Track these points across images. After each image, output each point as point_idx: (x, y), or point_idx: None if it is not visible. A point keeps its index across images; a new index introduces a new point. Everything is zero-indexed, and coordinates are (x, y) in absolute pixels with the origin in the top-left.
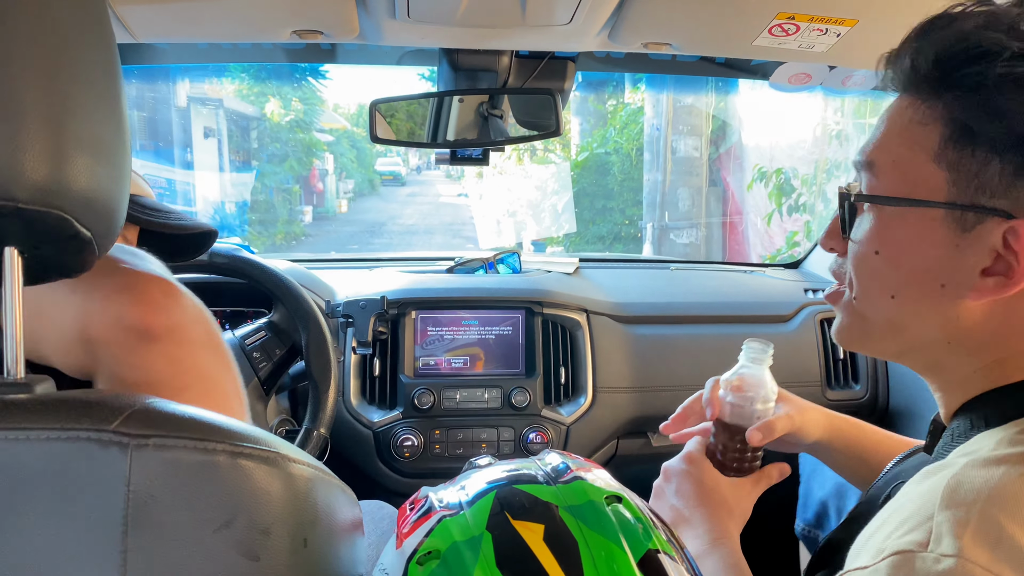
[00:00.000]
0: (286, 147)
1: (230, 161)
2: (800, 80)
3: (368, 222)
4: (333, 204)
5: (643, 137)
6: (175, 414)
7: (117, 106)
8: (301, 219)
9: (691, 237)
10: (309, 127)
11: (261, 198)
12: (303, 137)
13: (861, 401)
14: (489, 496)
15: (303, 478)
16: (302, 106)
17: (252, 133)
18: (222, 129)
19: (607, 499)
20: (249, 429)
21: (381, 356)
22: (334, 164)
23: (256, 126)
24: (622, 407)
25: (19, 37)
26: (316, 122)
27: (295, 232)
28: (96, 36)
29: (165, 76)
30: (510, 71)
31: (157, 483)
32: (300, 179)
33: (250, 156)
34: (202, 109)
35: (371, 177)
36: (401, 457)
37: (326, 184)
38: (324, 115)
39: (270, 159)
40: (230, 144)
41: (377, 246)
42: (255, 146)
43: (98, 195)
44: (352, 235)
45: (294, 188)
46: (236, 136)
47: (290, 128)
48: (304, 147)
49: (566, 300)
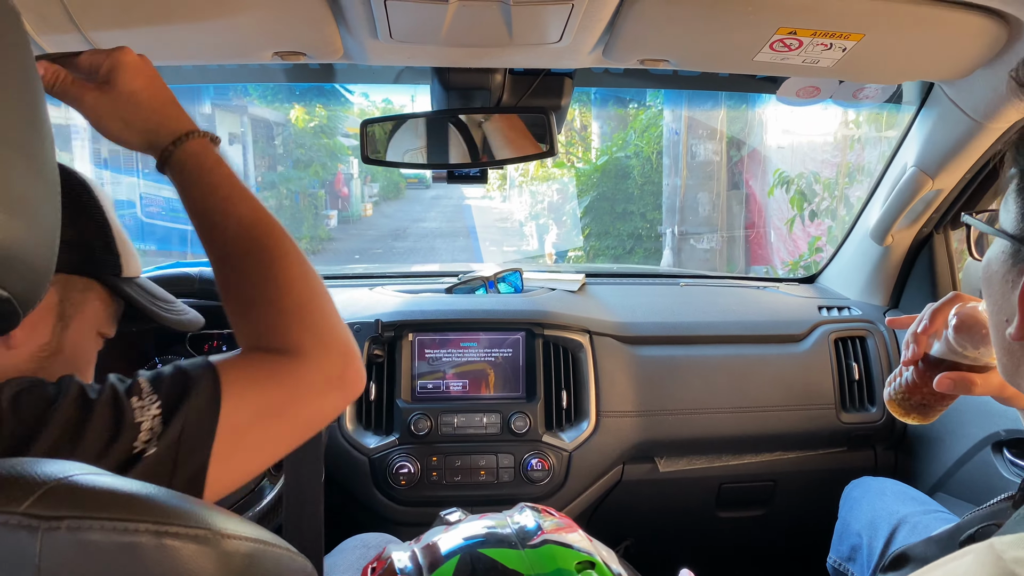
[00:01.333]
0: (311, 152)
1: (255, 166)
2: (809, 93)
3: (392, 226)
4: (358, 208)
5: (663, 141)
6: (95, 488)
7: (39, 156)
8: (327, 223)
9: (711, 243)
10: (334, 132)
11: (287, 203)
12: (328, 142)
13: (877, 424)
14: (452, 561)
15: (239, 554)
16: (326, 112)
17: (277, 139)
18: (247, 135)
19: (578, 566)
20: (178, 503)
21: (377, 380)
22: (359, 168)
23: (280, 132)
24: (627, 432)
25: None
26: (341, 127)
27: (320, 236)
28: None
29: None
30: (504, 88)
31: (70, 569)
32: (325, 184)
33: (275, 162)
34: (226, 115)
35: (396, 180)
36: (397, 485)
37: (351, 188)
38: (349, 120)
39: (295, 164)
40: (255, 150)
41: (401, 249)
42: (280, 151)
43: (11, 252)
44: (376, 239)
45: (319, 193)
46: (261, 142)
47: (315, 133)
48: (329, 152)
49: (568, 321)
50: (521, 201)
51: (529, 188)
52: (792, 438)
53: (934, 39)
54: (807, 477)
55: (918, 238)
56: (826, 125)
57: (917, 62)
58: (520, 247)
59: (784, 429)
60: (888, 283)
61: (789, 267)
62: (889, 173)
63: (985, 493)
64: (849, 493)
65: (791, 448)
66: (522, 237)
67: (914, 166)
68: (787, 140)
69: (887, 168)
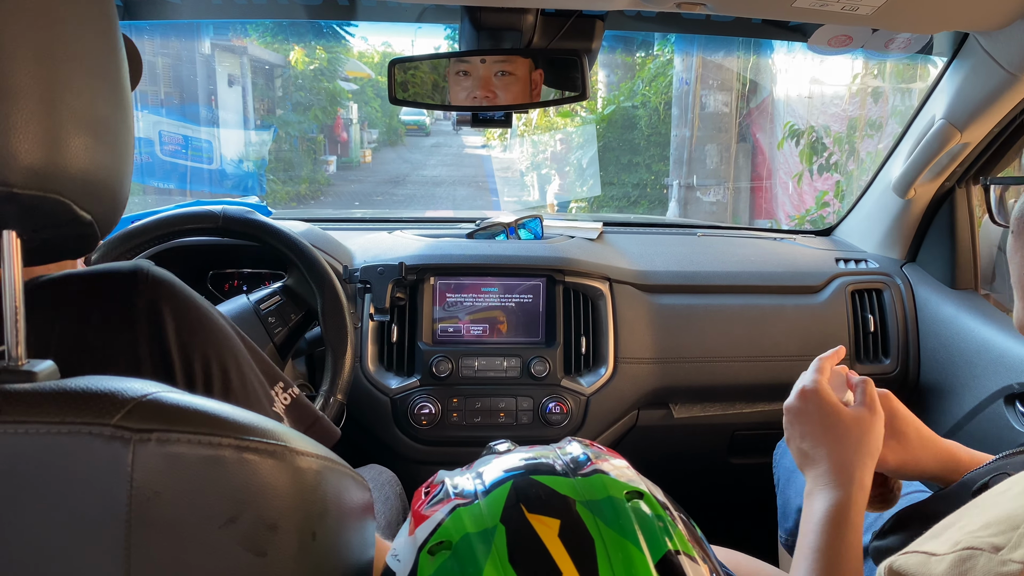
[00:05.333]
0: (310, 96)
1: (254, 109)
2: (840, 43)
3: (392, 172)
4: (357, 154)
5: (672, 90)
6: (179, 406)
7: (117, 82)
8: (325, 169)
9: (718, 195)
10: (334, 76)
11: (285, 147)
12: (327, 86)
13: (891, 376)
14: (505, 486)
15: (311, 471)
16: (326, 54)
17: (276, 81)
18: (247, 77)
19: (627, 495)
20: (256, 421)
21: (399, 323)
22: (358, 113)
23: (280, 74)
24: (644, 378)
25: (11, 14)
26: (341, 71)
27: (319, 181)
28: (95, 10)
29: (188, 25)
30: (535, 30)
31: (160, 478)
32: (324, 128)
33: (274, 105)
34: (226, 57)
35: (395, 127)
36: (419, 425)
37: (350, 134)
38: (349, 64)
39: (294, 108)
40: (254, 92)
41: (400, 197)
42: (279, 95)
43: (98, 177)
44: (376, 185)
45: (318, 138)
46: (260, 85)
47: (314, 76)
48: (328, 96)
49: (588, 268)
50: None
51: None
52: None
53: None
54: None
55: (939, 192)
56: (839, 77)
57: (956, 10)
58: (521, 197)
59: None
60: (907, 237)
61: (795, 221)
62: (915, 125)
63: (996, 445)
64: (780, 461)
65: None
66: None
67: (943, 118)
68: (797, 92)
69: (912, 120)
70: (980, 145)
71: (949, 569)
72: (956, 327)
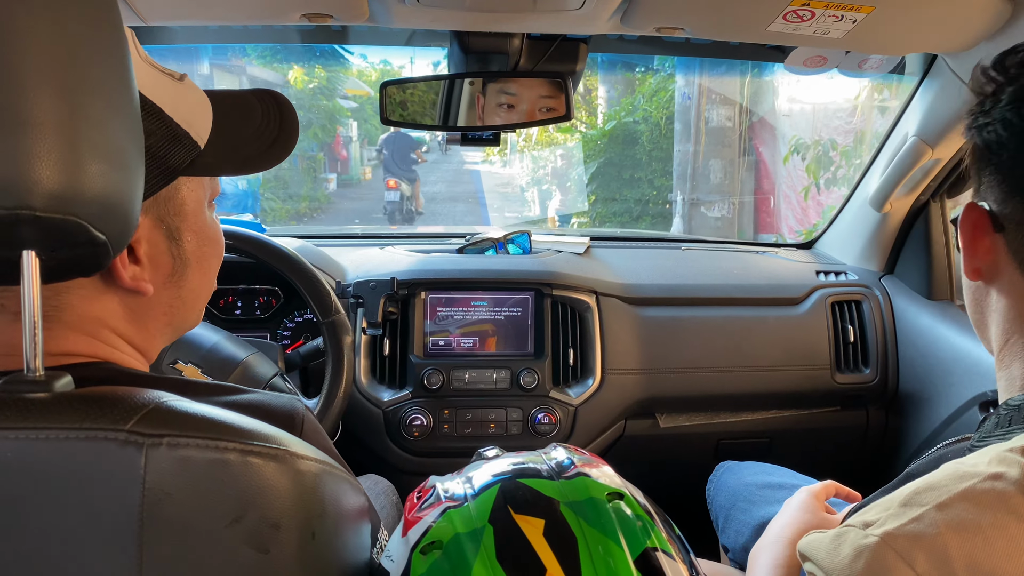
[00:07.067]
0: (309, 114)
1: None
2: (815, 63)
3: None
4: (357, 171)
5: (673, 105)
6: (188, 412)
7: (130, 112)
8: (326, 187)
9: (723, 210)
10: (333, 94)
11: (285, 165)
12: (327, 104)
13: (870, 385)
14: (493, 489)
15: (310, 473)
16: (325, 73)
17: None
18: None
19: (608, 496)
20: (259, 427)
21: (391, 336)
22: (358, 131)
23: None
24: (630, 389)
25: (35, 52)
26: (340, 89)
27: (319, 199)
28: (110, 48)
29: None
30: (521, 53)
31: (171, 480)
32: (324, 146)
33: None
34: (225, 77)
35: None
36: (411, 436)
37: (350, 151)
38: (348, 82)
39: None
40: None
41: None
42: None
43: (112, 200)
44: (376, 203)
45: (318, 156)
46: None
47: (313, 95)
48: (328, 114)
49: (576, 282)
50: (523, 166)
51: (531, 153)
52: (788, 397)
53: (941, 12)
54: (801, 435)
55: (915, 206)
56: (844, 92)
57: (923, 34)
58: (522, 213)
59: (780, 388)
60: (885, 249)
61: (803, 236)
62: (890, 142)
63: None
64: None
65: (786, 407)
66: (524, 203)
67: (915, 136)
68: (800, 106)
69: (887, 137)
70: (952, 161)
71: (828, 544)
72: (933, 337)
